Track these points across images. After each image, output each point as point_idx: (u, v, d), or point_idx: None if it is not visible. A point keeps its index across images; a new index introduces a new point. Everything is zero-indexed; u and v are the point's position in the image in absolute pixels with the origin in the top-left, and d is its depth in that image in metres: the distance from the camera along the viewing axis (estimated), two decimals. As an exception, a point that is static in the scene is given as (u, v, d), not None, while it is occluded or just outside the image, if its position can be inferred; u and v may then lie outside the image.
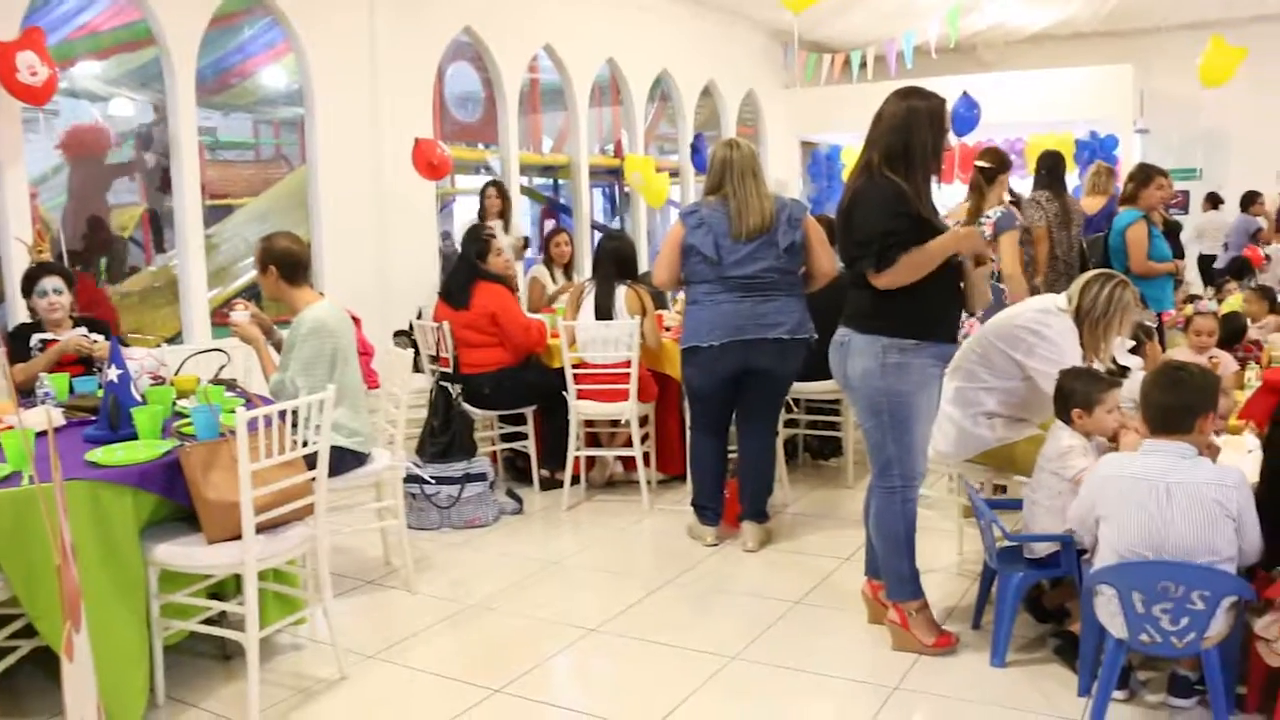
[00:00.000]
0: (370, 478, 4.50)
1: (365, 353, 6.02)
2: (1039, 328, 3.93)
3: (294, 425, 3.47)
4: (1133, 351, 4.89)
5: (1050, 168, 6.64)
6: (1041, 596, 3.92)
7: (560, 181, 11.95)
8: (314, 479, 3.55)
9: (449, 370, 5.89)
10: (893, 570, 3.77)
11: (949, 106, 3.76)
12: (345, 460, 4.27)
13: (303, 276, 4.29)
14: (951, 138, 3.78)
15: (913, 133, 3.56)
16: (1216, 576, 2.95)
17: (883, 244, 3.47)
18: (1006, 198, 5.99)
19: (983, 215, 5.79)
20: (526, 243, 7.38)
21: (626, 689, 3.65)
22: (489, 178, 9.15)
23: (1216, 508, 2.95)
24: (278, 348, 4.44)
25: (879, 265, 3.50)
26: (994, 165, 5.87)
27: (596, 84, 10.95)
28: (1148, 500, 3.02)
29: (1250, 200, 11.84)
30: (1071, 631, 3.61)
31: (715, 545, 4.90)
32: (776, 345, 4.64)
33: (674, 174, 12.51)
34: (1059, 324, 3.94)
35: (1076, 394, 3.63)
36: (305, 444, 3.50)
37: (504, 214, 7.88)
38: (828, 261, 4.76)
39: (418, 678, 3.68)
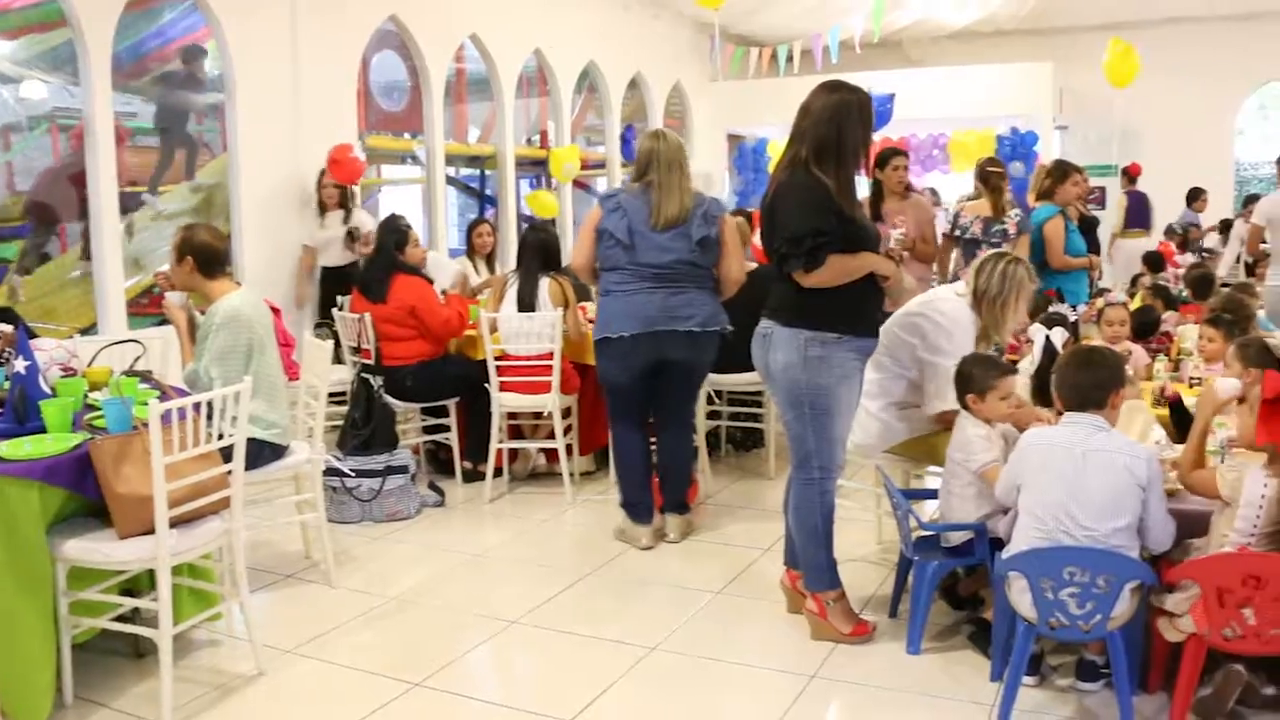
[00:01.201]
0: (289, 470, 4.45)
1: (286, 344, 5.94)
2: (931, 313, 4.04)
3: (209, 417, 3.42)
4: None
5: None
6: (957, 585, 4.00)
7: (488, 172, 11.86)
8: (229, 472, 3.50)
9: (370, 362, 5.83)
10: (811, 560, 3.81)
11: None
12: (263, 453, 4.22)
13: (219, 269, 4.23)
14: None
15: (844, 127, 3.56)
16: (1120, 561, 3.06)
17: (814, 243, 3.49)
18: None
19: (1004, 215, 6.60)
20: (365, 236, 7.00)
21: (547, 681, 3.66)
22: (418, 168, 9.02)
23: (1127, 474, 3.08)
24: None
25: (809, 265, 3.52)
26: (1001, 170, 6.76)
27: (524, 74, 10.89)
28: (1065, 465, 3.15)
29: (1194, 196, 12.12)
30: (985, 619, 3.70)
31: (650, 547, 4.86)
32: (688, 338, 4.65)
33: (600, 165, 12.51)
34: (951, 309, 4.04)
35: (972, 379, 3.73)
36: (220, 436, 3.45)
37: (344, 205, 7.51)
38: (737, 267, 4.77)
39: (337, 672, 3.65)
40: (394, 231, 5.93)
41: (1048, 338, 4.86)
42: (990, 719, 3.23)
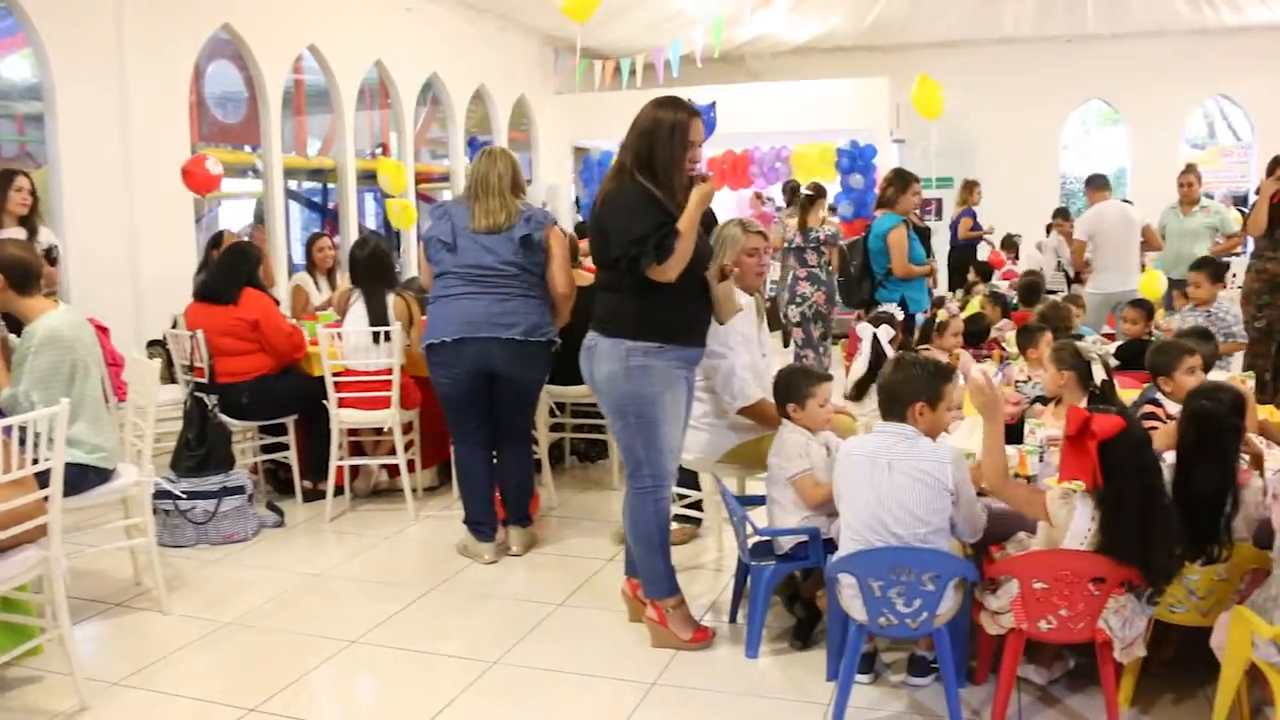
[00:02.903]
0: (116, 494, 4.29)
1: (115, 364, 5.75)
2: None
3: (22, 442, 3.28)
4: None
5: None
6: (799, 589, 4.10)
7: (330, 186, 11.67)
8: (47, 498, 3.37)
9: (204, 380, 5.67)
10: (649, 569, 3.86)
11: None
12: (87, 477, 4.05)
13: (34, 286, 4.05)
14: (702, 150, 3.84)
15: (655, 141, 3.64)
16: (945, 559, 3.20)
17: (659, 235, 3.54)
18: (824, 214, 8.64)
19: (810, 230, 8.38)
20: (51, 256, 5.91)
21: (386, 700, 3.62)
22: (257, 181, 8.79)
23: (932, 480, 3.20)
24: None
25: (660, 254, 3.55)
26: (816, 192, 8.77)
27: (365, 86, 10.76)
28: (873, 475, 3.26)
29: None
30: (805, 616, 3.88)
31: (494, 562, 4.85)
32: (512, 346, 4.65)
33: (444, 179, 12.43)
34: None
35: (790, 389, 3.85)
36: (37, 461, 3.31)
37: (28, 220, 5.98)
38: (564, 278, 4.81)
39: (167, 702, 3.53)
40: (248, 258, 5.85)
41: (875, 336, 5.06)
42: (826, 718, 3.32)
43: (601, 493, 6.01)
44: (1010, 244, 12.04)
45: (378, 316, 5.51)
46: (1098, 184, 8.63)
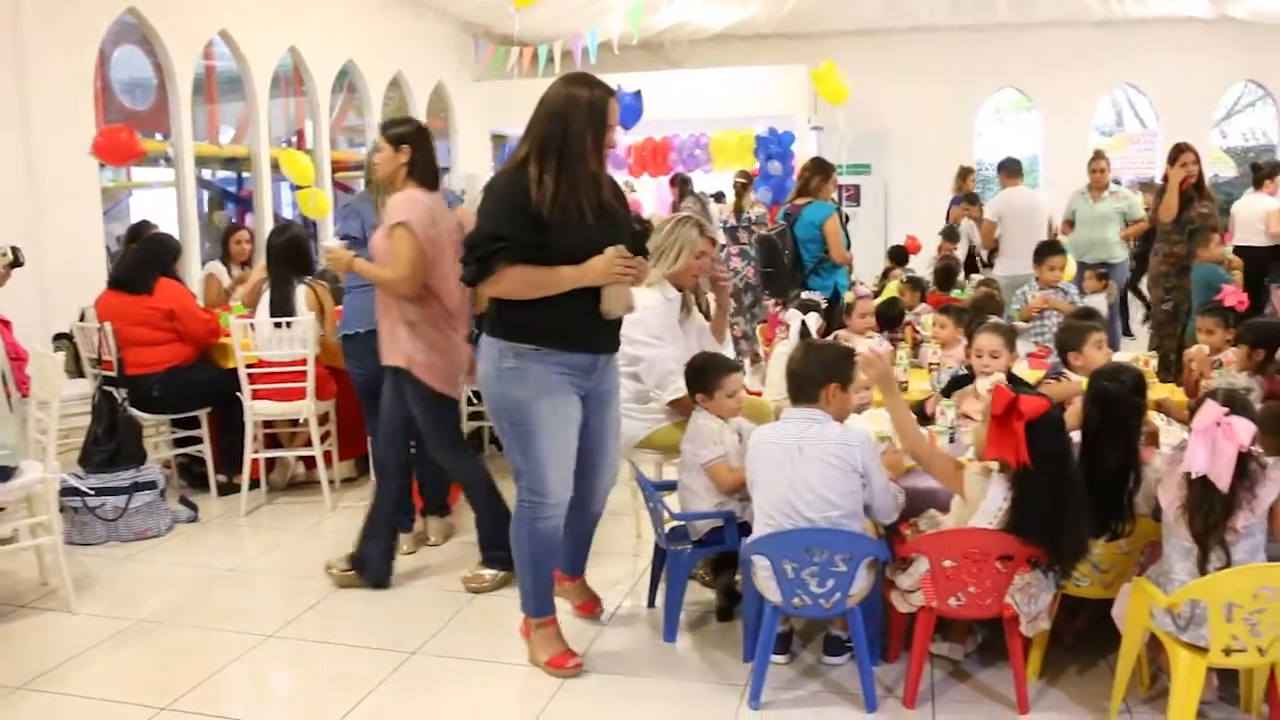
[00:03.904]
0: (19, 492, 4.18)
1: (18, 358, 5.62)
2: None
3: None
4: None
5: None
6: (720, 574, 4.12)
7: (245, 175, 11.46)
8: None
9: (113, 374, 5.54)
10: (520, 582, 3.64)
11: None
12: (-13, 475, 3.95)
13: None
14: (619, 133, 3.64)
15: (569, 123, 3.28)
16: (857, 540, 3.26)
17: (486, 250, 3.24)
18: (753, 198, 9.44)
19: (743, 212, 8.93)
20: (15, 258, 5.50)
21: (302, 693, 3.59)
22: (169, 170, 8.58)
23: (841, 463, 3.25)
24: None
25: (480, 274, 3.28)
26: (747, 180, 9.58)
27: (280, 73, 10.57)
28: (784, 460, 3.30)
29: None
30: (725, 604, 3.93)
31: (411, 552, 4.79)
32: None
33: (360, 167, 12.26)
34: (647, 298, 4.14)
35: (699, 379, 3.88)
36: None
37: None
38: None
39: (73, 705, 3.45)
40: (168, 249, 5.80)
41: (803, 322, 5.11)
42: (743, 698, 3.36)
43: (522, 481, 5.98)
44: (953, 234, 12.22)
45: (279, 305, 5.44)
46: (1010, 169, 8.82)
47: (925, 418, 4.21)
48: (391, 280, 4.08)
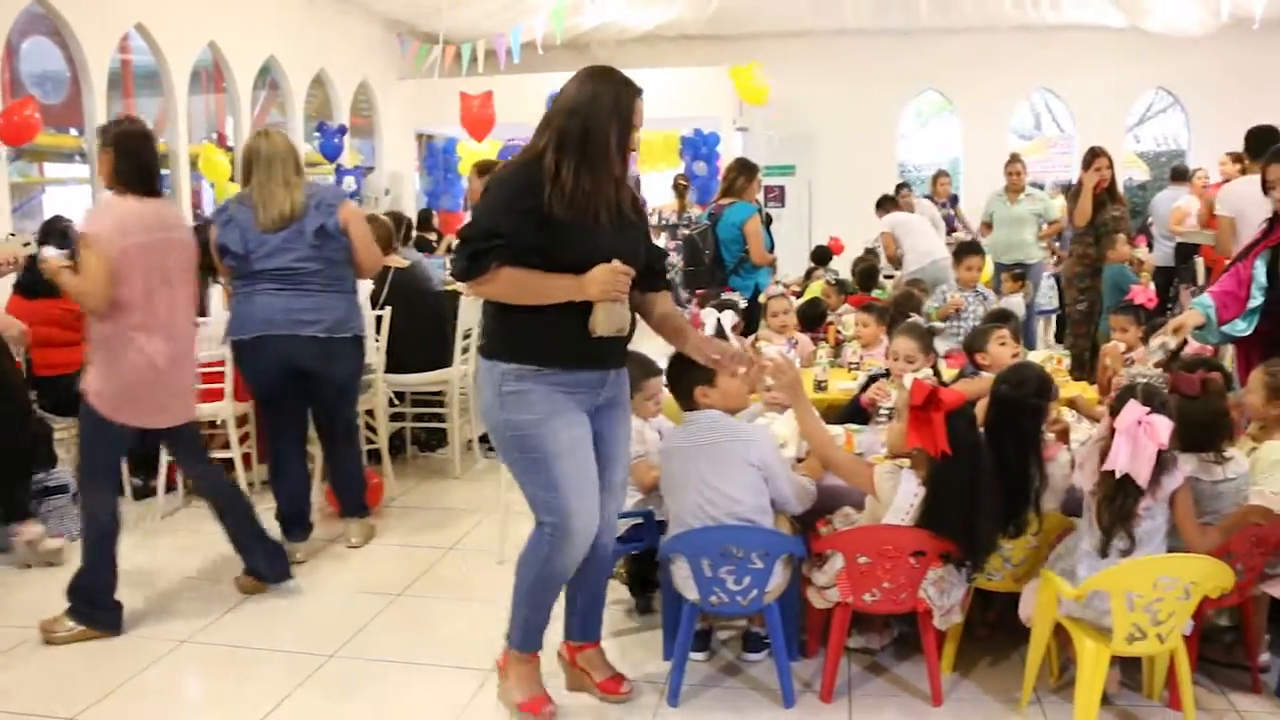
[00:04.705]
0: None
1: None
2: None
3: None
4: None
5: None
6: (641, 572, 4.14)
7: (165, 172, 11.24)
8: None
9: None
10: (513, 608, 3.31)
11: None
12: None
13: None
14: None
15: (591, 121, 2.98)
16: (772, 537, 3.30)
17: (480, 246, 2.96)
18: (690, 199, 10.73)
19: (684, 211, 9.89)
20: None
21: (217, 700, 3.54)
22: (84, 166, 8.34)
23: (740, 460, 3.30)
24: None
25: (470, 271, 2.99)
26: (687, 182, 10.68)
27: (200, 68, 10.38)
28: (688, 463, 3.35)
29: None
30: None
31: (303, 562, 4.67)
32: (316, 344, 4.51)
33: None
34: None
35: None
36: None
37: None
38: (366, 254, 4.66)
39: (-25, 716, 3.37)
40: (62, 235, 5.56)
41: (719, 321, 5.14)
42: (662, 695, 3.37)
43: (443, 481, 5.95)
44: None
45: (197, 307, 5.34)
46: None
47: (862, 415, 4.32)
48: (77, 295, 3.90)
